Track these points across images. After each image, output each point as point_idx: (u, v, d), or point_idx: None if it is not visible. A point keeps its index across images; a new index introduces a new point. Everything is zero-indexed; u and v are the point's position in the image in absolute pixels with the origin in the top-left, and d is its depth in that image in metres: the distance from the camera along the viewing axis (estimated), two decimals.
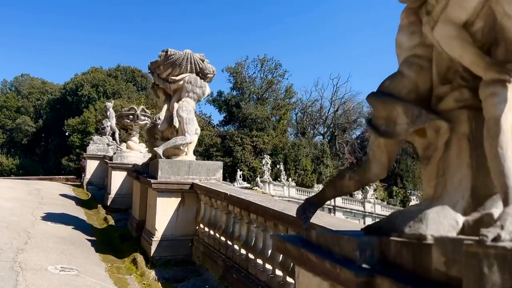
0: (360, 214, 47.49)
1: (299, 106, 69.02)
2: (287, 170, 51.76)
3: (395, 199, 62.95)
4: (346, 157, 63.24)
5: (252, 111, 55.96)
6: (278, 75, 61.33)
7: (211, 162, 8.36)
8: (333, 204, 45.12)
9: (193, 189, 7.85)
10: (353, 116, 70.56)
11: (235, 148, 53.17)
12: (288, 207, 5.07)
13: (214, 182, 8.04)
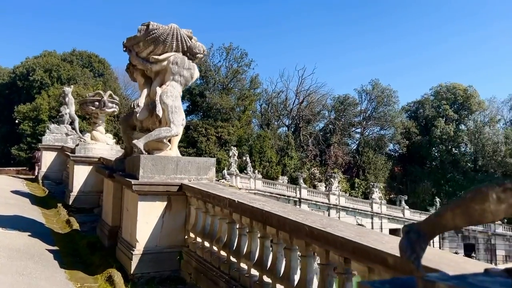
0: (325, 207, 47.42)
1: (264, 97, 68.16)
2: (252, 162, 50.80)
3: (357, 191, 63.72)
4: (310, 149, 63.12)
5: (217, 101, 54.43)
6: (244, 64, 60.06)
7: (202, 159, 7.05)
8: (298, 197, 44.72)
9: (182, 191, 6.55)
10: (317, 108, 70.54)
11: (199, 139, 51.56)
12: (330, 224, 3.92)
13: (206, 182, 6.78)
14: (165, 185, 6.47)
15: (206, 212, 6.13)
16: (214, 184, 6.69)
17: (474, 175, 67.23)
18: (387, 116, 69.91)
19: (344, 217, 48.80)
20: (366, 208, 51.48)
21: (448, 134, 68.67)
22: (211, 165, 7.00)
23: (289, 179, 54.63)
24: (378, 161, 66.62)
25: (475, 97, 70.59)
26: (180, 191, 6.54)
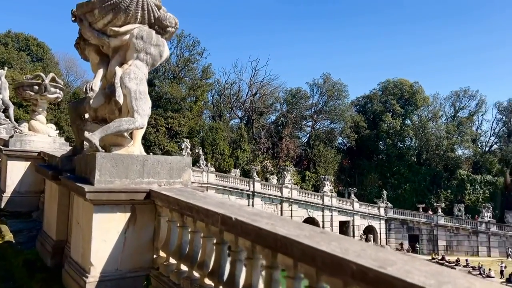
0: (278, 200, 46.99)
1: (217, 87, 66.50)
2: (205, 154, 49.21)
3: (308, 183, 64.07)
4: (262, 141, 62.48)
5: (167, 90, 52.14)
6: (196, 53, 58.03)
7: (175, 158, 5.65)
8: (252, 190, 43.88)
9: (150, 200, 5.17)
10: (270, 101, 70.04)
11: (147, 130, 49.07)
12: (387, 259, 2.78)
13: (180, 187, 5.43)
14: (129, 192, 5.05)
15: (183, 226, 4.81)
16: (191, 189, 5.36)
17: (418, 168, 69.97)
18: (337, 110, 70.86)
19: (296, 210, 48.72)
20: (318, 201, 51.70)
21: (395, 128, 70.83)
22: (186, 165, 5.65)
23: (241, 172, 53.63)
24: (328, 154, 67.37)
25: (420, 93, 73.30)
26: (148, 199, 5.16)
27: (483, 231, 56.36)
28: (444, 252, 55.28)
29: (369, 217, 57.78)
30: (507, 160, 72.25)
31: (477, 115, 76.57)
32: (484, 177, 68.31)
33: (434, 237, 57.75)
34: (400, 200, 66.21)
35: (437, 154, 70.50)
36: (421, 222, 58.47)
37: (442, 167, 70.46)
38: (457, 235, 57.35)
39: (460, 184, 68.44)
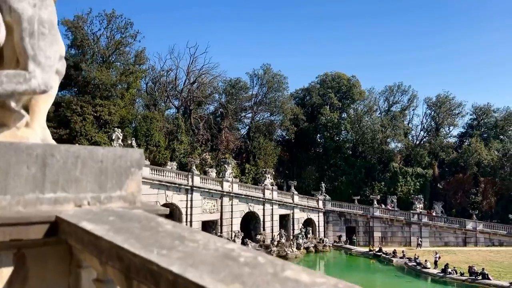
0: (218, 194, 44.57)
1: (151, 74, 62.08)
2: (138, 146, 45.22)
3: (247, 176, 62.25)
4: (201, 133, 59.38)
5: (95, 75, 47.21)
6: (128, 36, 53.30)
7: (111, 152, 2.94)
8: (190, 184, 41.01)
9: (58, 237, 2.50)
10: (208, 90, 66.98)
11: (73, 118, 44.04)
12: None
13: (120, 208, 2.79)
14: (10, 224, 2.34)
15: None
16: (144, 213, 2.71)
17: (354, 161, 71.01)
18: (277, 102, 69.69)
19: (237, 204, 46.66)
20: (259, 194, 50.03)
21: (332, 121, 71.16)
22: (134, 165, 2.97)
23: (178, 165, 50.36)
24: (268, 147, 66.00)
25: (357, 87, 74.32)
26: (53, 237, 2.47)
27: (415, 222, 58.19)
28: (379, 243, 56.29)
29: (309, 210, 57.37)
30: (436, 153, 75.78)
31: (409, 109, 79.45)
32: (415, 169, 70.94)
33: (370, 229, 58.69)
34: (337, 192, 66.70)
35: (372, 147, 72.01)
36: (358, 214, 59.17)
37: (376, 159, 72.14)
38: (391, 226, 58.75)
39: (393, 176, 70.48)
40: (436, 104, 77.77)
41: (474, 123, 79.44)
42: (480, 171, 71.39)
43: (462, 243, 56.63)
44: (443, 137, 79.58)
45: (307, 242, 53.19)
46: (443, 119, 77.90)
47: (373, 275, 42.26)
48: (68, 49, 50.02)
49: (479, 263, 41.13)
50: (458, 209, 67.84)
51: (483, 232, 56.88)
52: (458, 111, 78.80)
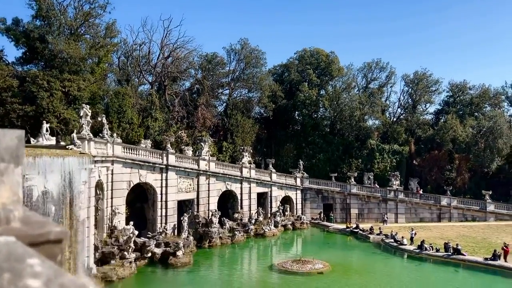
0: (194, 173, 43.43)
1: (123, 48, 59.29)
2: (109, 123, 43.37)
3: (225, 155, 61.20)
4: (176, 110, 57.54)
5: (62, 48, 44.53)
6: (98, 6, 50.25)
7: None
8: (165, 163, 39.68)
9: None
10: (184, 66, 64.75)
11: (39, 94, 41.62)
12: None
13: None
14: None
15: None
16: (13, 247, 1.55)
17: (332, 138, 70.74)
18: (255, 78, 68.17)
19: (214, 183, 45.72)
20: (236, 173, 49.13)
21: (311, 98, 70.33)
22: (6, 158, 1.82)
23: (153, 143, 48.78)
24: (245, 124, 64.84)
25: (335, 63, 73.34)
26: None
27: (392, 199, 58.68)
28: (356, 220, 56.62)
29: (286, 188, 57.00)
30: (412, 130, 76.26)
31: (387, 86, 79.26)
32: (391, 146, 71.27)
33: (347, 206, 58.91)
34: (315, 169, 66.50)
35: (350, 124, 71.77)
36: (335, 191, 59.20)
37: (354, 137, 72.05)
38: (368, 203, 59.09)
39: (370, 154, 70.67)
40: (413, 81, 77.79)
41: (450, 100, 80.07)
42: (455, 148, 72.35)
43: (436, 219, 57.56)
44: (420, 114, 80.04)
45: (284, 219, 52.96)
46: (420, 96, 78.13)
47: (350, 252, 42.39)
48: (32, 20, 46.97)
49: (453, 238, 41.72)
50: (433, 185, 68.82)
51: (457, 208, 57.87)
52: (435, 88, 79.17)
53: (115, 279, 28.39)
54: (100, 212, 32.89)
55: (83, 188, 26.72)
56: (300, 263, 32.88)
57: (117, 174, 34.97)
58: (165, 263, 33.59)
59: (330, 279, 29.60)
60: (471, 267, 32.90)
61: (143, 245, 33.78)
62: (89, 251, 28.45)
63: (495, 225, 51.92)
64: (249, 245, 43.66)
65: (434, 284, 29.56)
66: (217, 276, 32.39)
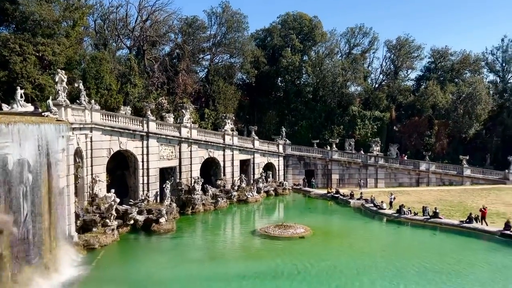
0: (176, 141, 42.97)
1: (99, 11, 56.89)
2: (87, 90, 42.13)
3: (207, 122, 60.67)
4: (156, 75, 56.18)
5: (34, 10, 42.41)
6: None
7: None
8: (146, 131, 39.06)
9: None
10: (163, 29, 62.77)
11: (12, 59, 39.91)
12: None
13: None
14: None
15: None
16: None
17: (315, 105, 70.67)
18: (237, 43, 66.77)
19: (196, 150, 45.46)
20: (219, 140, 48.86)
21: (294, 64, 69.61)
22: None
23: (133, 110, 47.83)
24: (228, 91, 64.03)
25: (319, 28, 72.30)
26: None
27: (372, 164, 59.61)
28: (337, 185, 57.56)
29: (269, 155, 57.19)
30: (394, 97, 76.69)
31: (370, 52, 78.93)
32: (373, 112, 71.73)
33: (328, 172, 59.68)
34: (297, 136, 66.77)
35: (332, 91, 71.62)
36: (317, 158, 59.74)
37: (336, 103, 72.12)
38: (349, 169, 59.94)
39: (352, 120, 71.11)
40: (396, 46, 77.52)
41: (432, 66, 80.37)
42: (435, 114, 73.32)
43: (415, 184, 58.96)
44: (401, 80, 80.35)
45: (267, 186, 53.40)
46: (402, 62, 78.15)
47: (331, 216, 43.19)
48: None
49: (431, 202, 42.87)
50: (413, 151, 70.06)
51: (435, 173, 59.27)
52: (417, 54, 79.20)
53: (98, 246, 28.32)
54: (80, 180, 32.39)
55: (61, 156, 26.09)
56: (282, 228, 33.37)
57: (96, 142, 34.26)
58: (148, 230, 33.65)
59: (311, 243, 30.19)
60: (447, 230, 33.96)
61: (125, 213, 33.64)
62: (70, 219, 28.17)
63: (471, 189, 53.47)
64: (232, 211, 44.03)
65: (411, 246, 30.48)
66: (200, 242, 32.69)
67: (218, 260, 27.09)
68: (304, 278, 22.98)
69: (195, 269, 24.61)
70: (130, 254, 28.87)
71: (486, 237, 31.82)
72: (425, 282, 22.16)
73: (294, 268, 24.58)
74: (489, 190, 52.07)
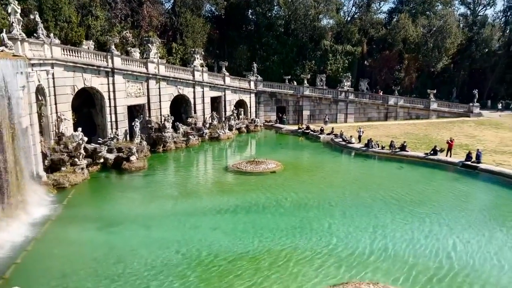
0: (143, 77, 41.51)
1: None
2: (44, 22, 39.29)
3: (175, 57, 58.52)
4: (119, 7, 52.70)
5: None
6: None
7: None
8: (111, 66, 37.39)
9: None
10: None
11: None
12: None
13: None
14: None
15: None
16: None
17: (286, 39, 68.99)
18: None
19: (165, 87, 44.24)
20: (188, 76, 47.56)
21: None
22: None
23: (95, 44, 45.27)
24: (196, 24, 61.21)
25: None
26: None
27: (343, 100, 60.10)
28: (308, 121, 58.17)
29: (240, 91, 56.48)
30: (365, 30, 75.66)
31: None
32: (344, 47, 70.90)
33: (299, 108, 59.93)
34: (268, 72, 65.79)
35: (304, 24, 69.73)
36: (288, 94, 59.58)
37: (308, 37, 70.59)
38: (319, 105, 60.31)
39: (323, 55, 70.25)
40: None
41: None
42: (405, 48, 73.28)
43: (383, 118, 60.23)
44: (374, 13, 78.88)
45: (239, 123, 53.29)
46: None
47: (301, 151, 43.93)
48: None
49: (398, 136, 44.12)
50: (382, 85, 70.68)
51: (403, 107, 60.49)
52: None
53: (68, 185, 27.97)
54: (45, 118, 31.16)
55: (21, 94, 24.73)
56: (254, 164, 33.78)
57: (59, 79, 32.59)
58: (119, 168, 33.35)
59: (283, 177, 30.83)
60: (413, 162, 35.27)
61: (94, 151, 33.02)
62: (37, 159, 27.42)
63: (436, 123, 55.17)
64: (204, 149, 44.03)
65: (379, 178, 31.62)
66: (173, 179, 32.80)
67: (191, 195, 27.39)
68: (277, 210, 23.66)
69: (169, 205, 24.84)
70: (102, 192, 28.76)
71: (449, 168, 33.33)
72: (393, 211, 23.26)
73: (267, 201, 25.19)
74: (454, 123, 53.90)
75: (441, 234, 19.91)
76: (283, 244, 18.73)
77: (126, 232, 20.56)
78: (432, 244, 18.72)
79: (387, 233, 19.96)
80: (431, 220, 21.89)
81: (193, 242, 19.06)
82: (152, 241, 19.23)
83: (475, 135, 45.15)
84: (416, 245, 18.52)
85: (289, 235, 19.77)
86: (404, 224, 21.21)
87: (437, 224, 21.22)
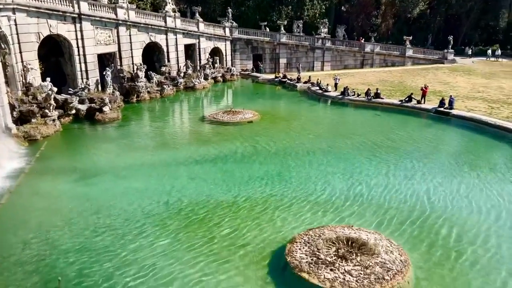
0: (113, 24, 39.59)
1: None
2: None
3: (145, 2, 55.77)
4: None
5: None
6: None
7: None
8: (77, 12, 35.36)
9: None
10: None
11: None
12: None
13: None
14: None
15: None
16: None
17: None
18: None
19: (136, 34, 42.44)
20: (160, 23, 45.62)
21: None
22: None
23: None
24: None
25: None
26: None
27: (319, 47, 59.33)
28: (285, 70, 57.53)
29: (215, 39, 54.85)
30: None
31: None
32: None
33: (276, 56, 59.00)
34: (244, 18, 63.81)
35: None
36: (264, 41, 58.32)
37: None
38: (296, 52, 59.45)
39: (300, 0, 68.23)
40: None
41: None
42: None
43: (360, 66, 60.11)
44: None
45: (214, 72, 52.23)
46: None
47: (278, 100, 43.75)
48: None
49: (373, 83, 44.28)
50: (359, 32, 69.87)
51: (379, 54, 60.32)
52: None
53: (39, 137, 27.17)
54: (10, 68, 29.59)
55: None
56: (231, 114, 33.48)
57: (22, 25, 30.60)
58: (92, 119, 32.50)
59: (260, 127, 30.78)
60: (389, 109, 35.67)
61: (65, 102, 31.90)
62: (4, 111, 26.31)
63: (411, 69, 55.53)
64: (179, 99, 43.22)
65: (355, 126, 31.99)
66: (148, 129, 32.30)
67: (168, 146, 27.13)
68: (256, 159, 23.76)
69: (146, 156, 24.57)
70: (76, 144, 28.12)
71: (423, 114, 33.93)
72: (368, 157, 23.72)
73: (245, 151, 25.23)
74: (428, 70, 54.37)
75: (415, 179, 20.53)
76: (262, 192, 18.98)
77: (104, 184, 20.34)
78: (406, 188, 19.32)
79: (363, 179, 20.44)
80: (405, 166, 22.50)
81: (173, 192, 19.08)
82: (131, 191, 19.13)
83: (448, 82, 45.77)
84: (391, 191, 19.08)
85: (268, 183, 20.00)
86: (379, 170, 21.73)
87: (411, 170, 21.85)
